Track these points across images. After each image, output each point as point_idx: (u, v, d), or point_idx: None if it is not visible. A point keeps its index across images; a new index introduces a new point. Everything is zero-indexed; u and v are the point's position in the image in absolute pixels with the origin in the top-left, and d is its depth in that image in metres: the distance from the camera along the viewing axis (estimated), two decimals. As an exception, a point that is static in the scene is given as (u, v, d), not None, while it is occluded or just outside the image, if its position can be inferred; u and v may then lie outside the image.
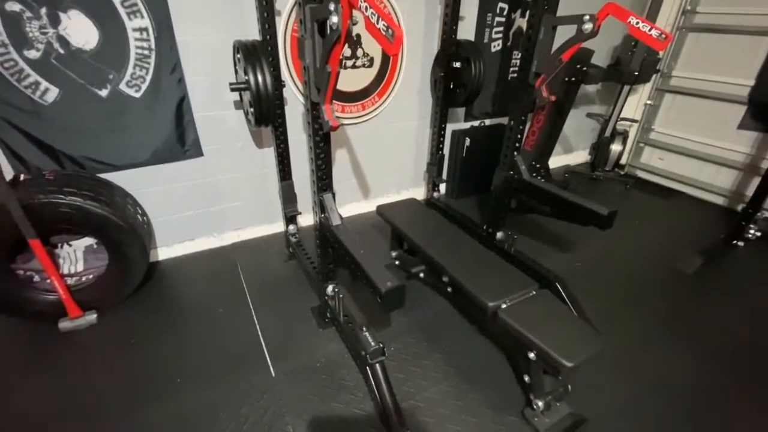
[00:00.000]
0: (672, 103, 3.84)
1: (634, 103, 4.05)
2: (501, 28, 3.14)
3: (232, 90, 2.08)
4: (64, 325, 2.02)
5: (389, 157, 3.19)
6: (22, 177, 1.91)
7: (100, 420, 1.62)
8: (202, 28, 2.15)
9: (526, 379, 1.64)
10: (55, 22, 1.85)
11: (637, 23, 1.58)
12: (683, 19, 3.53)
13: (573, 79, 3.28)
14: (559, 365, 1.38)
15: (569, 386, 1.63)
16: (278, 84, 2.11)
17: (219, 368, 1.86)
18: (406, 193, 3.42)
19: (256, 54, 1.94)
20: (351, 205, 3.21)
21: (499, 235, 2.55)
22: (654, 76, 3.70)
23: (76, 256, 2.09)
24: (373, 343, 1.64)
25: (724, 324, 2.21)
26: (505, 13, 3.09)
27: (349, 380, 1.81)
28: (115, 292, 2.15)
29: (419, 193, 3.45)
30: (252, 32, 2.19)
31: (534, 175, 3.81)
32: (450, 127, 3.35)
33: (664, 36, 1.53)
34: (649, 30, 1.56)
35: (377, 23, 1.04)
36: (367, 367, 1.63)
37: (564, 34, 1.86)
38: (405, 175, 3.37)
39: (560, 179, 3.94)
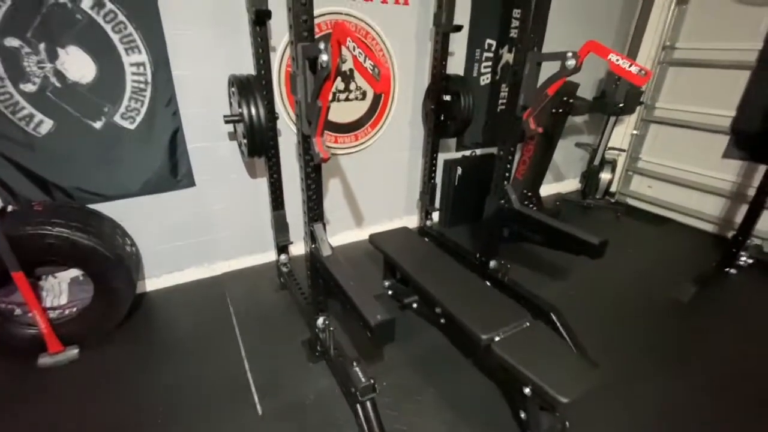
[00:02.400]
0: (657, 132, 3.96)
1: (621, 133, 4.17)
2: (489, 63, 3.26)
3: (226, 122, 2.11)
4: (44, 361, 1.94)
5: (382, 186, 3.22)
6: (9, 208, 1.89)
7: (74, 465, 1.53)
8: (198, 62, 2.21)
9: (522, 415, 1.58)
10: (53, 57, 1.89)
11: (618, 60, 1.65)
12: (663, 54, 3.69)
13: (560, 110, 3.40)
14: (554, 401, 1.34)
15: (567, 423, 1.57)
16: (272, 116, 2.14)
17: (203, 407, 1.78)
18: (399, 222, 3.42)
19: (250, 88, 1.99)
20: (344, 233, 3.20)
21: (492, 264, 2.53)
22: (639, 107, 3.82)
23: (61, 288, 2.05)
24: (363, 379, 1.59)
25: (722, 352, 2.18)
26: (492, 48, 3.21)
27: (340, 418, 1.74)
28: (98, 326, 2.08)
29: (412, 222, 3.46)
30: (247, 67, 2.24)
31: (525, 203, 3.87)
32: (442, 157, 3.41)
33: (643, 72, 1.59)
34: (629, 66, 1.62)
35: (364, 62, 1.07)
36: (358, 405, 1.57)
37: (550, 68, 1.92)
38: (398, 204, 3.39)
39: (552, 207, 3.98)
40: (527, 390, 1.47)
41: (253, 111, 1.98)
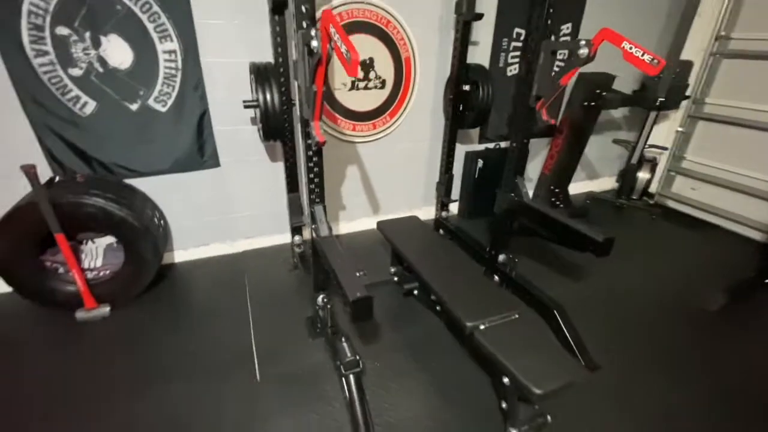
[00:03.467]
0: (706, 130, 3.65)
1: (665, 130, 3.88)
2: (518, 53, 3.16)
3: (246, 107, 2.23)
4: (80, 315, 2.20)
5: (400, 176, 3.25)
6: (57, 178, 2.15)
7: (97, 402, 1.75)
8: (224, 50, 2.35)
9: (503, 405, 1.59)
10: (96, 44, 2.10)
11: (631, 48, 1.57)
12: (717, 45, 3.39)
13: (592, 104, 3.24)
14: (528, 392, 1.34)
15: (548, 417, 1.56)
16: (288, 102, 2.24)
17: (209, 368, 1.95)
18: (417, 212, 3.43)
19: (267, 75, 2.10)
20: (361, 220, 3.28)
21: (501, 257, 2.50)
22: (685, 102, 3.55)
23: (97, 252, 2.30)
24: (349, 355, 1.67)
25: (742, 366, 2.03)
26: (522, 38, 3.12)
27: (330, 391, 1.83)
28: (128, 289, 2.32)
29: (430, 212, 3.46)
30: (268, 55, 2.35)
31: (552, 200, 3.74)
32: (463, 149, 3.38)
33: (656, 61, 1.51)
34: (642, 55, 1.54)
35: (341, 47, 1.12)
36: (342, 378, 1.65)
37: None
38: (416, 194, 3.41)
39: (580, 205, 3.82)
40: (506, 380, 1.48)
41: (269, 97, 2.09)
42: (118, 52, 2.16)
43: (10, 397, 1.78)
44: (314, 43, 1.26)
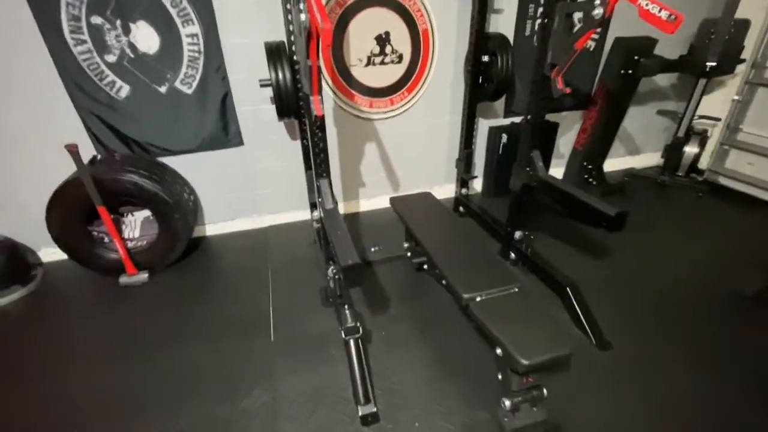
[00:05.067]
0: (766, 98, 3.26)
1: (720, 99, 3.51)
2: (545, 20, 2.97)
3: (261, 86, 2.31)
4: (123, 279, 2.46)
5: (420, 153, 3.23)
6: (98, 157, 2.39)
7: (132, 354, 2.00)
8: (243, 31, 2.44)
9: (499, 376, 1.60)
10: (127, 31, 2.27)
11: (647, 4, 1.45)
12: (784, -2, 2.98)
13: (629, 71, 3.00)
14: (516, 362, 1.35)
15: (545, 390, 1.55)
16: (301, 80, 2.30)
17: (230, 328, 2.13)
18: (438, 189, 3.43)
19: (278, 53, 2.16)
20: (381, 197, 3.31)
21: (518, 235, 2.45)
22: (741, 66, 3.17)
23: (136, 224, 2.54)
24: (350, 321, 1.75)
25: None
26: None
27: (336, 355, 1.94)
28: (163, 257, 2.55)
29: (452, 190, 3.42)
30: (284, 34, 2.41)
31: (585, 177, 3.56)
32: (487, 123, 3.29)
33: (673, 17, 1.38)
34: (659, 11, 1.41)
35: (316, 14, 1.14)
36: (344, 342, 1.74)
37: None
38: (437, 171, 3.39)
39: (617, 183, 3.59)
40: (499, 351, 1.49)
41: (281, 75, 2.16)
42: (146, 38, 2.32)
43: (64, 347, 2.06)
44: (302, 17, 1.29)
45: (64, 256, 2.48)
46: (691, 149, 3.55)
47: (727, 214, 3.14)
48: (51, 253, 2.72)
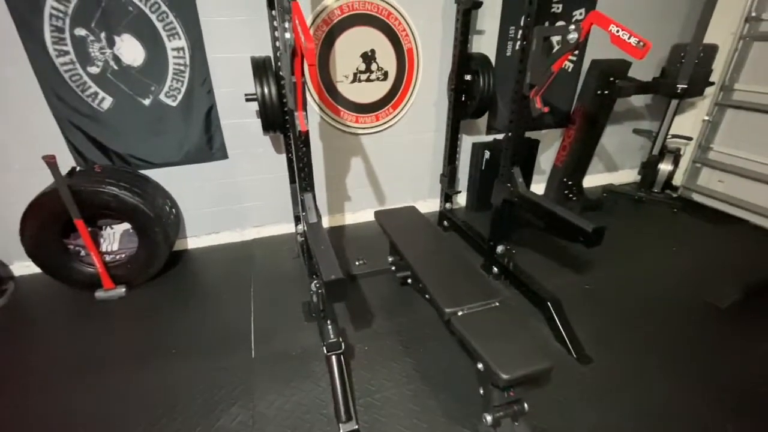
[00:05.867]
0: (735, 119, 3.43)
1: (691, 119, 3.68)
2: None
3: (247, 100, 2.33)
4: (99, 294, 2.40)
5: (405, 167, 3.27)
6: (77, 168, 2.34)
7: (106, 371, 1.92)
8: (229, 46, 2.46)
9: (481, 391, 1.60)
10: (111, 43, 2.26)
11: (618, 31, 1.52)
12: (747, 27, 3.17)
13: (605, 92, 3.13)
14: (496, 377, 1.36)
15: (525, 405, 1.55)
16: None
17: (210, 344, 2.08)
18: (422, 203, 3.46)
19: (264, 68, 2.18)
20: (366, 211, 3.33)
21: (500, 249, 2.49)
22: (710, 88, 3.34)
23: (114, 237, 2.49)
24: (332, 336, 1.73)
25: (748, 367, 1.93)
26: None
27: (318, 371, 1.91)
28: (142, 271, 2.49)
29: (436, 204, 3.47)
30: (270, 49, 2.44)
31: (566, 192, 3.65)
32: (470, 140, 3.36)
33: (642, 44, 1.46)
34: (628, 38, 1.49)
35: (301, 36, 1.17)
36: (326, 358, 1.72)
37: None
38: (422, 186, 3.43)
39: (595, 198, 3.69)
40: (480, 366, 1.49)
41: (266, 90, 2.18)
42: (131, 51, 2.31)
43: (31, 364, 1.98)
44: (287, 35, 1.32)
45: (37, 269, 2.40)
46: (665, 167, 3.68)
47: (700, 229, 3.26)
48: (23, 267, 2.63)
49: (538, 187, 3.80)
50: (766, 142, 3.22)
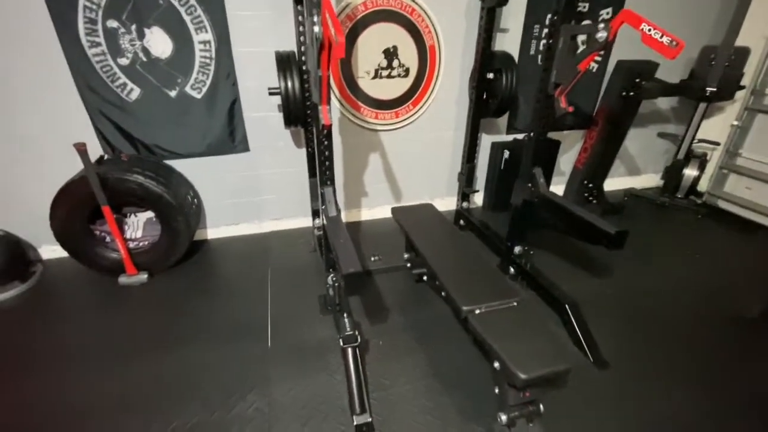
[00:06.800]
0: (765, 125, 3.32)
1: (719, 124, 3.57)
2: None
3: (270, 94, 2.36)
4: (123, 279, 2.46)
5: (423, 165, 3.27)
6: (106, 157, 2.41)
7: (126, 356, 1.97)
8: (254, 40, 2.49)
9: (496, 390, 1.59)
10: (141, 36, 2.32)
11: (650, 30, 1.49)
12: (783, 28, 3.06)
13: (630, 93, 3.06)
14: (514, 376, 1.35)
15: (541, 406, 1.54)
16: (309, 89, 2.34)
17: (228, 333, 2.12)
18: (439, 201, 3.45)
19: (288, 63, 2.21)
20: (383, 207, 3.34)
21: (517, 249, 2.47)
22: (740, 92, 3.24)
23: (138, 224, 2.55)
24: (349, 329, 1.75)
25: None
26: (555, 24, 3.00)
27: (333, 363, 1.93)
28: (163, 259, 2.55)
29: (453, 203, 3.45)
30: (294, 44, 2.46)
31: (586, 195, 3.60)
32: (490, 139, 3.33)
33: (675, 43, 1.42)
34: (660, 37, 1.46)
35: (331, 30, 1.18)
36: (341, 350, 1.74)
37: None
38: (439, 184, 3.42)
39: (617, 202, 3.62)
40: (496, 364, 1.49)
41: (290, 84, 2.20)
42: (159, 43, 2.36)
43: (57, 345, 2.05)
44: (315, 29, 1.33)
45: (64, 253, 2.48)
46: (690, 172, 3.59)
47: (725, 237, 3.17)
48: (51, 251, 2.72)
49: (557, 189, 3.74)
50: (798, 149, 3.11)
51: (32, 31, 2.17)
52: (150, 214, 2.58)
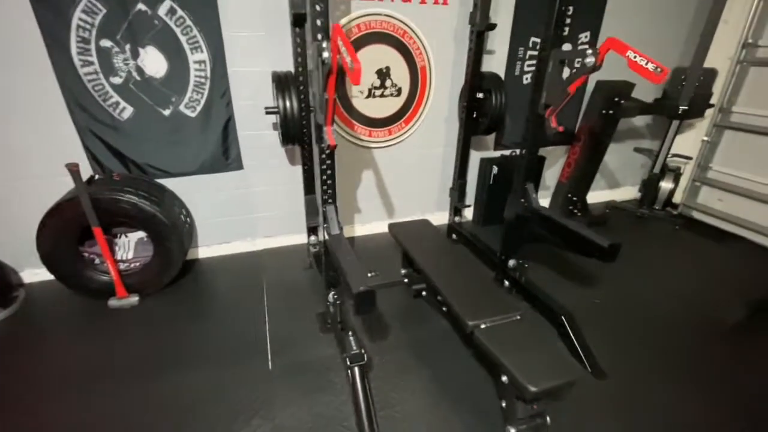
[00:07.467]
0: (733, 140, 3.55)
1: (691, 140, 3.79)
2: (533, 62, 3.19)
3: (267, 113, 2.37)
4: (113, 303, 2.38)
5: (415, 181, 3.33)
6: (96, 176, 2.36)
7: (118, 382, 1.90)
8: (249, 60, 2.51)
9: (502, 404, 1.62)
10: (135, 55, 2.30)
11: (635, 57, 1.60)
12: (744, 52, 3.30)
13: (610, 111, 3.23)
14: (523, 389, 1.38)
15: (548, 418, 1.58)
16: (306, 109, 2.37)
17: (227, 355, 2.07)
18: (431, 217, 3.48)
19: (286, 83, 2.24)
20: (376, 223, 3.36)
21: (511, 263, 2.53)
22: (711, 110, 3.46)
23: (129, 245, 2.49)
24: (355, 348, 1.75)
25: (759, 383, 1.97)
26: (538, 47, 3.15)
27: (336, 383, 1.91)
28: (155, 280, 2.49)
29: (444, 218, 3.51)
30: (289, 65, 2.50)
31: (570, 208, 3.72)
32: (479, 155, 3.43)
33: (659, 69, 1.53)
34: (646, 63, 1.57)
35: (346, 57, 1.22)
36: (348, 370, 1.73)
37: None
38: (430, 199, 3.48)
39: (599, 214, 3.77)
40: (504, 378, 1.52)
41: (288, 104, 2.23)
42: (154, 62, 2.35)
43: (45, 373, 1.96)
44: (325, 54, 1.37)
45: (47, 276, 2.39)
46: (666, 185, 3.78)
47: (701, 246, 3.34)
48: (33, 274, 2.61)
49: (542, 202, 3.84)
50: (762, 162, 3.33)
51: (22, 49, 2.12)
52: (141, 234, 2.52)
